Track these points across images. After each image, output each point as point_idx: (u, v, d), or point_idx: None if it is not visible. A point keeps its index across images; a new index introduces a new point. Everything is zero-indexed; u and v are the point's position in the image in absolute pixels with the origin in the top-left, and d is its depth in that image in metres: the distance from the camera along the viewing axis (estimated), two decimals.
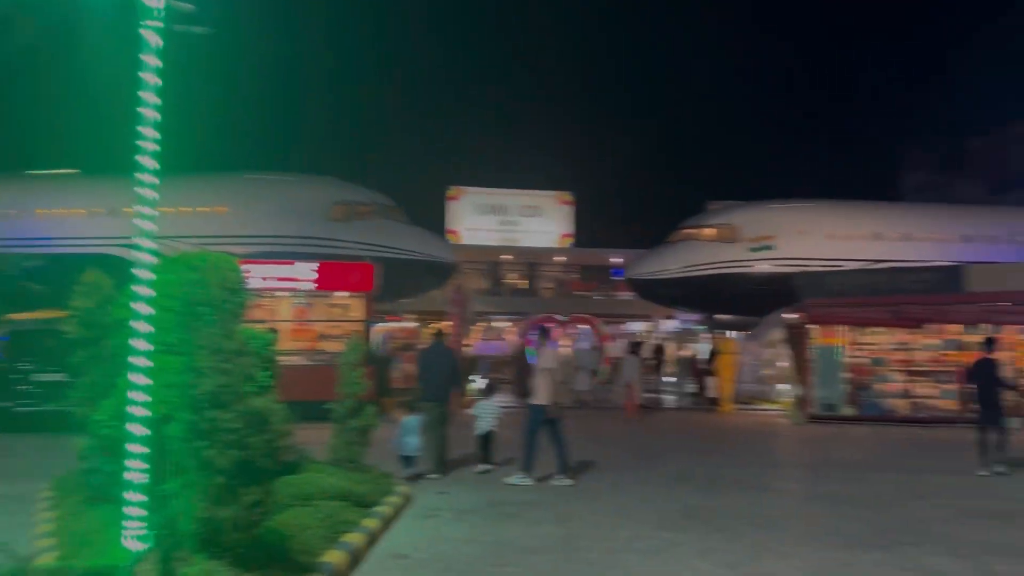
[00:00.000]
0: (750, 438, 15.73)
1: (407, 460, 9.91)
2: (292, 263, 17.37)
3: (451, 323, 18.56)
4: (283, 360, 17.72)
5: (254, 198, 23.95)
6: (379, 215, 24.47)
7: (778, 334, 22.40)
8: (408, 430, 9.93)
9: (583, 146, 66.43)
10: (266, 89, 67.41)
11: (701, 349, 30.64)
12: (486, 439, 10.80)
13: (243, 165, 25.69)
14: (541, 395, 10.02)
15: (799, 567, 6.52)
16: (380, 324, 18.88)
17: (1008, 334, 16.81)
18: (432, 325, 16.63)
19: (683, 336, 35.49)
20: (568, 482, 9.78)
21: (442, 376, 10.64)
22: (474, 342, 32.71)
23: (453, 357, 11.26)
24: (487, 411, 10.88)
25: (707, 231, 27.75)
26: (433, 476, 10.01)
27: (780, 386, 21.01)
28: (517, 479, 9.79)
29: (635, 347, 19.18)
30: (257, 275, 16.93)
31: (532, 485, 9.73)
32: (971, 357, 12.75)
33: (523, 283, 40.25)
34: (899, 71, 77.36)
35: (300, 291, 17.28)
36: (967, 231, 27.25)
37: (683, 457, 12.66)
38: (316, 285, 17.13)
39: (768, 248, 26.50)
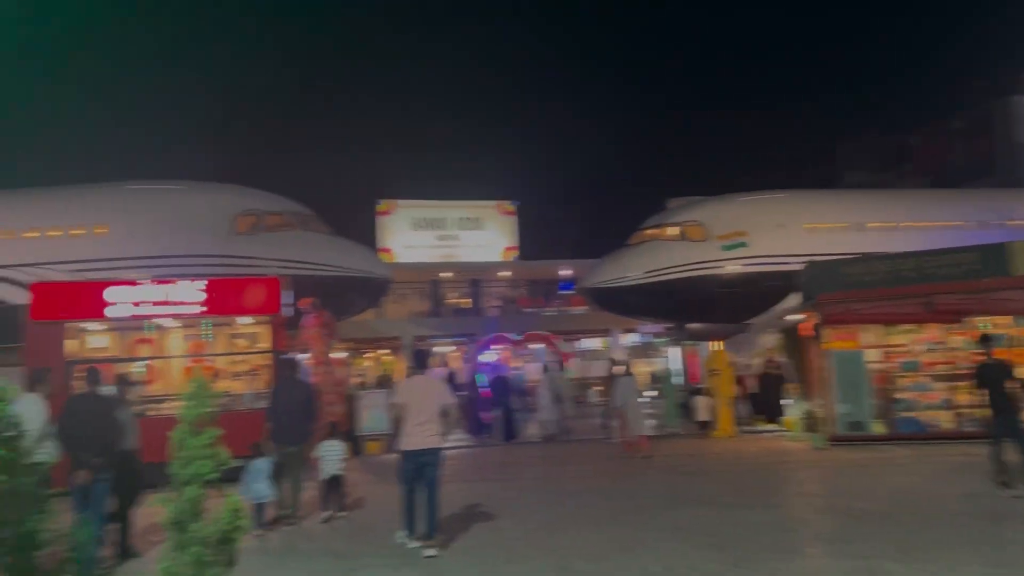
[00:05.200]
0: (791, 474, 12.33)
1: (257, 508, 8.86)
2: (172, 282, 13.51)
3: (311, 349, 14.53)
4: (165, 408, 14.09)
5: (140, 212, 19.83)
6: (294, 226, 20.59)
7: (770, 340, 19.31)
8: (256, 475, 8.94)
9: (523, 152, 63.45)
10: (173, 96, 62.81)
11: (669, 363, 27.49)
12: (332, 484, 9.78)
13: (136, 176, 21.48)
14: (402, 439, 8.01)
15: None
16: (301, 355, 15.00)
17: None
18: (290, 354, 12.70)
19: (646, 350, 32.32)
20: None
21: (296, 414, 9.46)
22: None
23: (309, 391, 10.07)
24: (333, 452, 9.87)
25: (670, 231, 24.57)
26: (289, 525, 9.19)
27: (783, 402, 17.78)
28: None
29: (625, 366, 15.56)
30: (122, 298, 13.13)
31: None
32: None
33: (466, 302, 36.58)
34: (837, 66, 76.59)
35: (184, 317, 13.49)
36: (954, 216, 24.68)
37: (726, 514, 9.18)
38: (204, 308, 13.30)
39: (742, 245, 23.47)
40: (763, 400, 17.97)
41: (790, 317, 17.38)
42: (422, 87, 73.81)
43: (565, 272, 35.38)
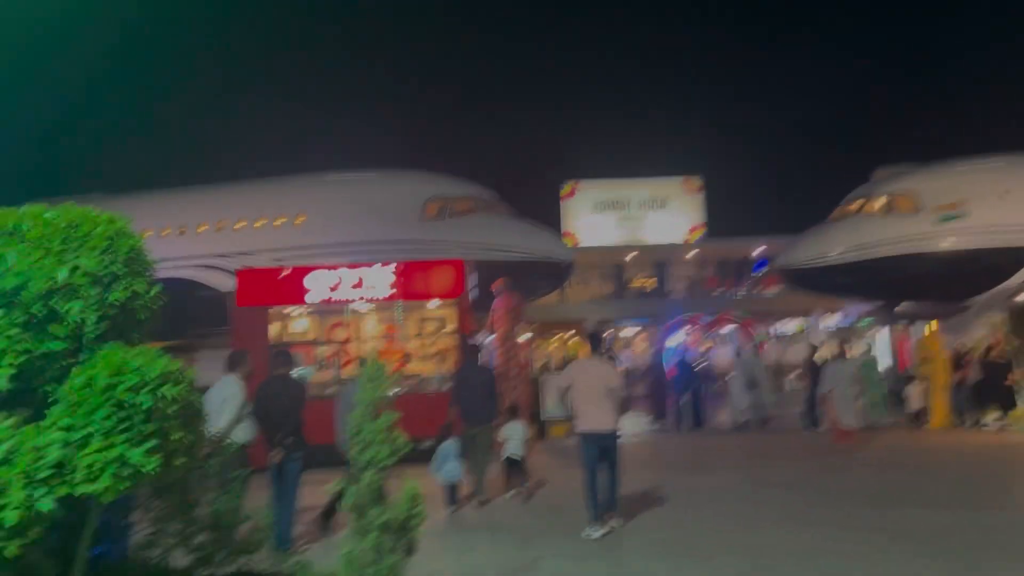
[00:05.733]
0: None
1: (449, 489, 9.13)
2: (364, 267, 13.93)
3: (497, 331, 14.45)
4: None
5: (333, 201, 20.77)
6: (479, 210, 20.82)
7: (995, 322, 17.37)
8: (446, 455, 9.14)
9: (711, 124, 61.25)
10: (353, 81, 65.82)
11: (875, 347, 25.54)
12: (514, 464, 10.01)
13: (325, 165, 22.60)
14: (577, 421, 8.12)
15: None
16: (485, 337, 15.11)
17: None
18: (476, 339, 12.83)
19: (849, 334, 30.17)
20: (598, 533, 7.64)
21: (479, 396, 9.70)
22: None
23: (491, 374, 10.41)
24: (516, 434, 10.10)
25: (878, 203, 22.72)
26: (476, 507, 9.48)
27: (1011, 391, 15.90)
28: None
29: (840, 347, 14.37)
30: (320, 284, 13.69)
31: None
32: None
33: (651, 284, 35.79)
34: None
35: (375, 301, 13.93)
36: None
37: (947, 515, 8.18)
38: (393, 292, 13.62)
39: (961, 217, 21.28)
40: (987, 388, 16.14)
41: (1020, 296, 15.48)
42: (604, 62, 73.08)
43: (758, 251, 33.78)
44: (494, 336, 14.03)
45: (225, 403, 7.30)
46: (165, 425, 3.45)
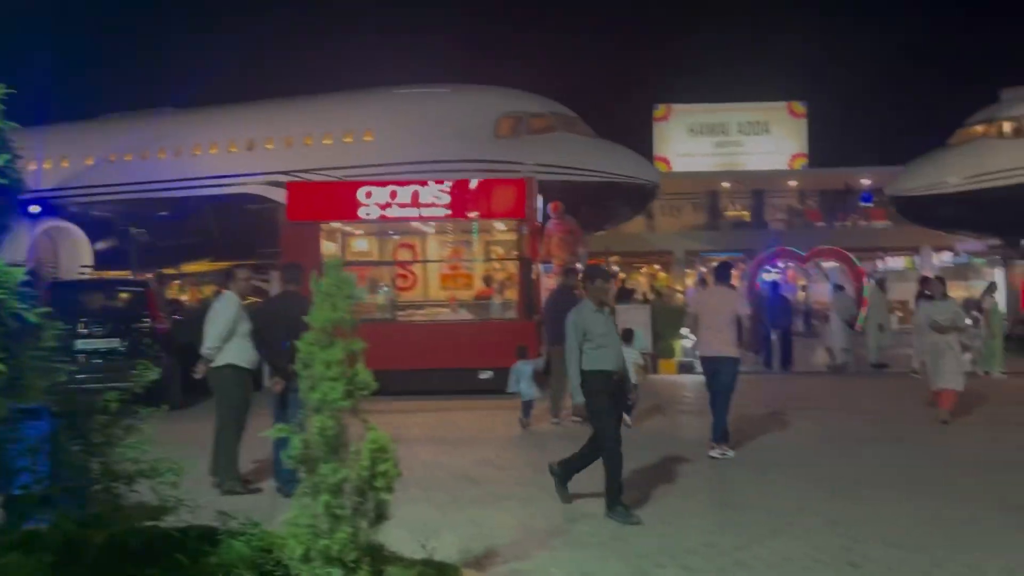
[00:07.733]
0: None
1: (524, 406, 9.45)
2: (414, 183, 12.80)
3: (554, 257, 13.31)
4: (418, 316, 13.64)
5: (401, 117, 19.58)
6: (556, 128, 19.33)
7: None
8: (520, 376, 9.44)
9: (815, 43, 57.00)
10: None
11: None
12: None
13: (393, 79, 21.33)
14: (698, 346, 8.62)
15: None
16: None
17: None
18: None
19: (963, 272, 27.60)
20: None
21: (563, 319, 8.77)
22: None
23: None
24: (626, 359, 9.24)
25: (1005, 126, 20.35)
26: (557, 421, 9.62)
27: None
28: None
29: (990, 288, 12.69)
30: (371, 200, 12.68)
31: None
32: None
33: (746, 215, 33.64)
34: None
35: (430, 220, 12.88)
36: None
37: None
38: (450, 211, 12.49)
39: None
40: None
41: None
42: None
43: (864, 181, 31.24)
44: (552, 264, 12.81)
45: (211, 320, 6.36)
46: None
